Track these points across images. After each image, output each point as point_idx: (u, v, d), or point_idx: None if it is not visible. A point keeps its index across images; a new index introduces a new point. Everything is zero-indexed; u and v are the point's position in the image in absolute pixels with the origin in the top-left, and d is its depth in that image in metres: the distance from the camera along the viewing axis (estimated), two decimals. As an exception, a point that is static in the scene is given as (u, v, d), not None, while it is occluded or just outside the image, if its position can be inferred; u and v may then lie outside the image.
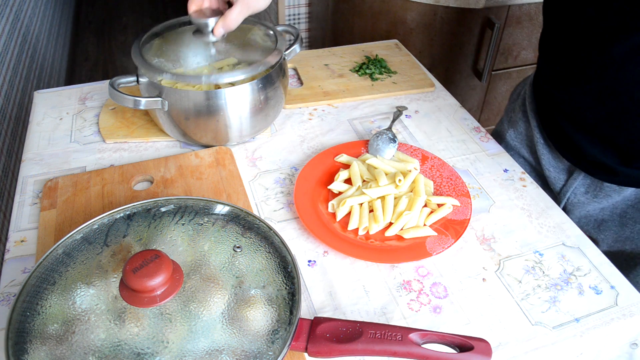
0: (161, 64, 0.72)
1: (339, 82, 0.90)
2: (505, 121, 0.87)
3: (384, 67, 0.94)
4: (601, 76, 0.61)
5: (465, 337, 0.44)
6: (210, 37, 0.72)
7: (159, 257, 0.43)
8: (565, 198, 0.77)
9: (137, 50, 0.71)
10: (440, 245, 0.60)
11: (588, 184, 0.73)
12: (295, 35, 0.79)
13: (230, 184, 0.68)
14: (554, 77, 0.70)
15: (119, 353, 0.42)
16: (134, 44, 0.73)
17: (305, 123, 0.82)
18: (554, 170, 0.77)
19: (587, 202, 0.74)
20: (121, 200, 0.65)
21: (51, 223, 0.62)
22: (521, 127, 0.82)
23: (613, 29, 0.58)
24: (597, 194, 0.72)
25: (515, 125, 0.83)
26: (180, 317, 0.44)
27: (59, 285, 0.46)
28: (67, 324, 0.43)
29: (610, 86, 0.61)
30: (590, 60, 0.62)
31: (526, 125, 0.81)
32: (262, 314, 0.45)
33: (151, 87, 0.69)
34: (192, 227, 0.52)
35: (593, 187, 0.72)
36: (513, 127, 0.83)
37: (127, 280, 0.42)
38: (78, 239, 0.51)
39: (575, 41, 0.64)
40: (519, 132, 0.82)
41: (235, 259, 0.49)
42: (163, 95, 0.69)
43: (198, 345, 0.42)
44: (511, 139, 0.84)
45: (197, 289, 0.46)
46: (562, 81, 0.68)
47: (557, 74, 0.69)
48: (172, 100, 0.69)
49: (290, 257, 0.50)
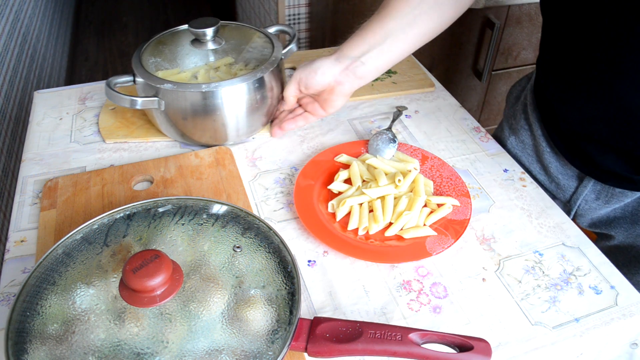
0: (158, 63, 0.73)
1: (339, 82, 0.90)
2: (505, 127, 0.84)
3: (384, 67, 0.94)
4: (610, 91, 0.59)
5: (465, 337, 0.44)
6: (209, 45, 0.74)
7: (158, 257, 0.43)
8: (576, 206, 0.75)
9: (137, 59, 0.72)
10: (440, 245, 0.60)
11: (599, 190, 0.71)
12: (292, 35, 0.79)
13: (230, 184, 0.68)
14: (559, 93, 0.68)
15: (119, 353, 0.42)
16: (135, 53, 0.74)
17: (305, 123, 0.82)
18: (563, 178, 0.75)
19: (599, 208, 0.72)
20: (121, 200, 0.65)
21: (51, 223, 0.62)
22: (524, 136, 0.79)
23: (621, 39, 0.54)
24: (609, 200, 0.70)
25: (517, 133, 0.80)
26: (180, 317, 0.44)
27: (58, 285, 0.46)
28: (67, 324, 0.43)
29: (621, 100, 0.58)
30: (598, 76, 0.59)
31: (529, 133, 0.78)
32: (262, 314, 0.45)
33: (148, 87, 0.69)
34: (192, 227, 0.52)
35: (604, 194, 0.70)
36: (515, 135, 0.81)
37: (127, 280, 0.42)
38: (78, 239, 0.51)
39: (579, 56, 0.61)
40: (521, 141, 0.80)
41: (235, 259, 0.49)
42: (159, 95, 0.69)
43: (198, 345, 0.42)
44: (512, 147, 0.81)
45: (197, 289, 0.46)
46: (568, 96, 0.66)
47: (562, 90, 0.67)
48: (168, 100, 0.69)
49: (290, 257, 0.50)
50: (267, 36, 0.78)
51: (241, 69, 0.73)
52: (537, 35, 1.43)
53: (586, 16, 0.57)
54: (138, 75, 0.70)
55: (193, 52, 0.75)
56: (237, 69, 0.74)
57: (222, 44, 0.76)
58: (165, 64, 0.73)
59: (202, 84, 0.68)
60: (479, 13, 1.33)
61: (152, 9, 3.33)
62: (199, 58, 0.74)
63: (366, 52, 0.67)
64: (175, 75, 0.72)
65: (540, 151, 0.76)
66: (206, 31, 0.73)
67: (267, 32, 0.79)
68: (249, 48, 0.77)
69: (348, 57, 0.68)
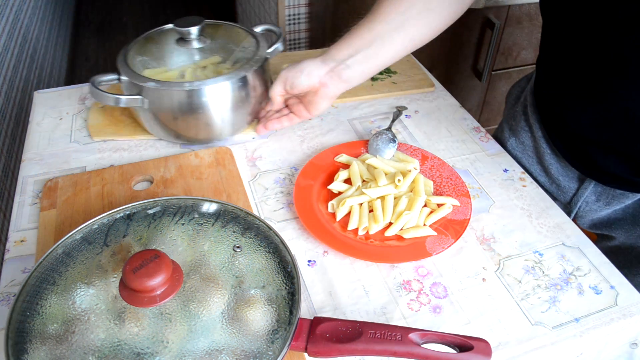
0: (145, 62, 0.73)
1: (338, 82, 0.90)
2: (505, 128, 0.83)
3: (384, 67, 0.94)
4: (612, 94, 0.58)
5: (464, 337, 0.44)
6: (193, 44, 0.74)
7: (158, 257, 0.43)
8: (576, 207, 0.75)
9: (122, 57, 0.73)
10: (440, 245, 0.60)
11: (599, 192, 0.71)
12: (278, 34, 0.80)
13: (230, 183, 0.68)
14: (560, 95, 0.68)
15: (119, 353, 0.42)
16: (120, 51, 0.74)
17: (305, 123, 0.82)
18: (564, 179, 0.75)
19: (599, 210, 0.72)
20: (121, 200, 0.65)
21: (51, 223, 0.62)
22: (524, 137, 0.79)
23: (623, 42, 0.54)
24: (610, 201, 0.70)
25: (517, 135, 0.80)
26: (180, 317, 0.44)
27: (59, 285, 0.46)
28: (67, 323, 0.43)
29: (623, 103, 0.58)
30: (599, 79, 0.59)
31: (529, 135, 0.78)
32: (262, 313, 0.45)
33: (132, 85, 0.70)
34: (192, 227, 0.52)
35: (605, 195, 0.70)
36: (515, 136, 0.80)
37: (127, 280, 0.42)
38: (78, 238, 0.51)
39: (579, 58, 0.61)
40: (521, 142, 0.79)
41: (235, 259, 0.49)
42: (143, 94, 0.69)
43: (198, 345, 0.42)
44: (512, 148, 0.81)
45: (197, 288, 0.46)
46: (568, 99, 0.66)
47: (563, 92, 0.67)
48: (151, 98, 0.69)
49: (290, 257, 0.50)
50: (253, 35, 0.79)
51: (228, 68, 0.73)
52: (537, 35, 1.43)
53: (587, 18, 0.57)
54: (122, 74, 0.70)
55: (180, 50, 0.75)
56: (223, 68, 0.74)
57: (208, 43, 0.76)
58: (153, 62, 0.74)
59: (185, 83, 0.68)
60: (479, 13, 1.33)
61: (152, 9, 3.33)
62: (186, 57, 0.75)
63: (352, 55, 0.67)
64: (162, 73, 0.73)
65: (541, 153, 0.76)
66: (191, 30, 0.73)
67: (253, 31, 0.80)
68: (234, 47, 0.77)
69: (334, 60, 0.68)
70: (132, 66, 0.71)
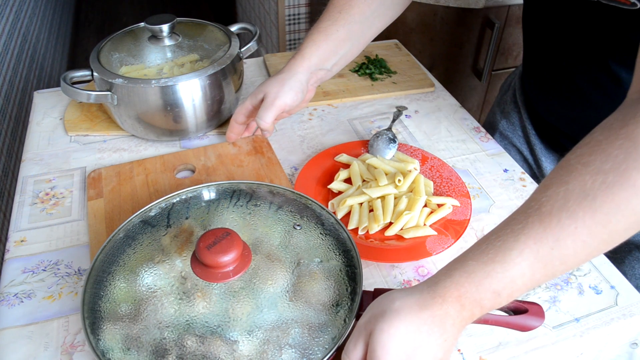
0: (122, 58, 0.74)
1: (338, 82, 0.90)
2: (497, 112, 0.88)
3: (384, 67, 0.94)
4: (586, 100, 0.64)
5: (519, 302, 0.45)
6: (165, 41, 0.75)
7: (229, 235, 0.45)
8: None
9: (95, 54, 0.73)
10: (440, 245, 0.60)
11: None
12: (254, 33, 0.80)
13: (271, 170, 0.70)
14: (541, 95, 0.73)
15: (193, 328, 0.43)
16: (94, 48, 0.74)
17: (305, 123, 0.82)
18: (546, 160, 0.79)
19: None
20: (166, 189, 0.67)
21: (100, 211, 0.63)
22: (514, 118, 0.84)
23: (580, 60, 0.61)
24: None
25: (508, 116, 0.85)
26: (246, 293, 0.45)
27: (125, 266, 0.48)
28: (137, 303, 0.45)
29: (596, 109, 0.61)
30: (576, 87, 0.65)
31: (519, 115, 0.83)
32: (325, 287, 0.47)
33: (102, 81, 0.70)
34: (249, 208, 0.54)
35: None
36: (506, 118, 0.85)
37: (201, 257, 0.44)
38: (137, 223, 0.53)
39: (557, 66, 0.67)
40: (511, 123, 0.84)
41: (293, 237, 0.51)
42: (112, 90, 0.69)
43: (267, 319, 0.44)
44: (504, 128, 0.85)
45: (261, 265, 0.48)
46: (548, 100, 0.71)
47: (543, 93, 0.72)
48: (120, 94, 0.70)
49: (347, 234, 0.52)
50: (225, 33, 0.79)
51: (205, 66, 0.73)
52: (537, 35, 1.43)
53: (562, 34, 0.63)
54: (94, 70, 0.71)
55: (152, 48, 0.76)
56: (200, 66, 0.74)
57: (179, 40, 0.76)
58: (130, 59, 0.74)
59: (152, 80, 0.68)
60: (479, 13, 1.33)
61: (152, 9, 3.33)
62: (161, 54, 0.75)
63: (336, 62, 0.70)
64: (140, 70, 0.73)
65: (527, 132, 0.81)
66: (162, 27, 0.74)
67: (227, 29, 0.80)
68: (206, 44, 0.78)
69: (321, 69, 0.70)
70: (107, 63, 0.72)
